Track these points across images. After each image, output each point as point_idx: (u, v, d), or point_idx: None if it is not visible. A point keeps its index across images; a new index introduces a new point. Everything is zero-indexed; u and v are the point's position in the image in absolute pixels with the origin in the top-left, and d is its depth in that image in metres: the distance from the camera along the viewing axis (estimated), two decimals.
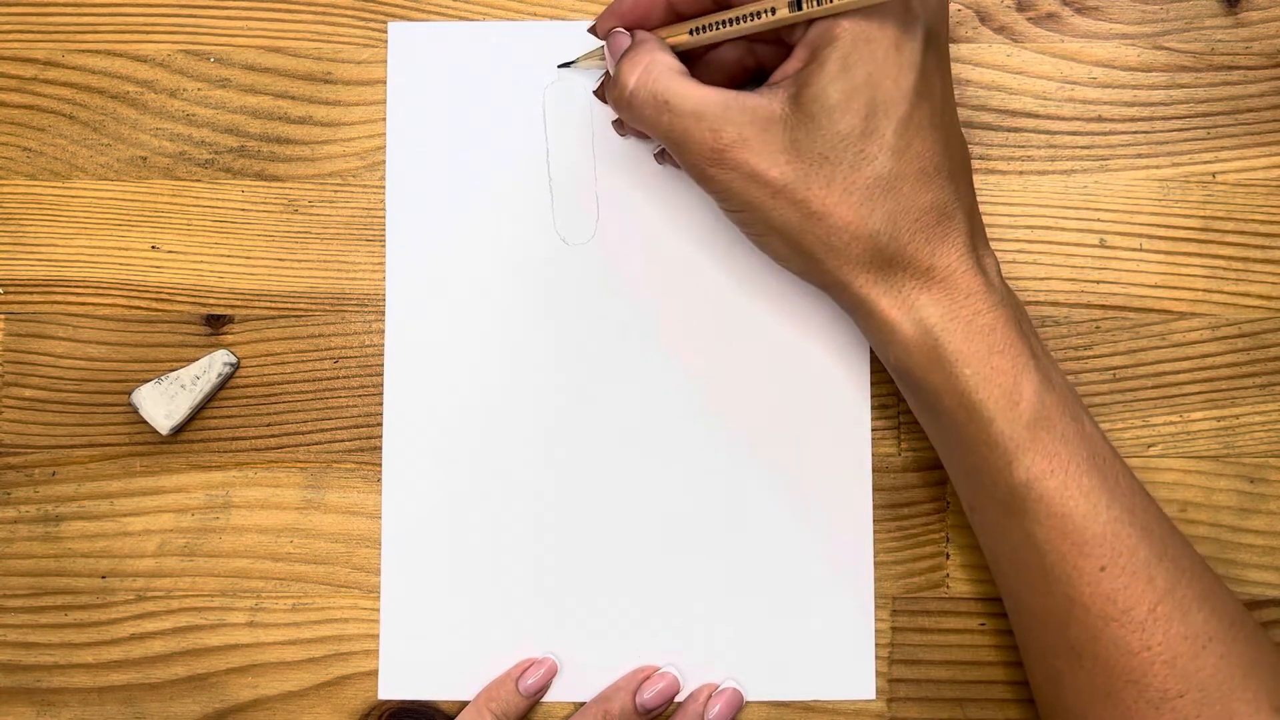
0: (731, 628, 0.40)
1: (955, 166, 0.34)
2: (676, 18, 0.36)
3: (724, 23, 0.35)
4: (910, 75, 0.33)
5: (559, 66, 0.40)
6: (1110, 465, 0.34)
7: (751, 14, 0.34)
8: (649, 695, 0.39)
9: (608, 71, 0.37)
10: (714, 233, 0.41)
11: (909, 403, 0.36)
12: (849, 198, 0.33)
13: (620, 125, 0.40)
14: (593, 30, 0.38)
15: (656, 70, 0.34)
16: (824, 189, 0.33)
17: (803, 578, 0.40)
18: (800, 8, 0.33)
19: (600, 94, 0.39)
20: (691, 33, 0.36)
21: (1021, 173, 0.41)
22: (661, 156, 0.40)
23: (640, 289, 0.41)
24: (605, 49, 0.37)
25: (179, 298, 0.41)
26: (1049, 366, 0.34)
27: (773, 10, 0.33)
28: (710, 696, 0.40)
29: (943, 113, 0.34)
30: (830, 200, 0.33)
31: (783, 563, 0.40)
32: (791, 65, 0.34)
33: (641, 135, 0.39)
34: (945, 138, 0.34)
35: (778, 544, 0.40)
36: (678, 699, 0.40)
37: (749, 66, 0.37)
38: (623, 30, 0.36)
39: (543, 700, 0.40)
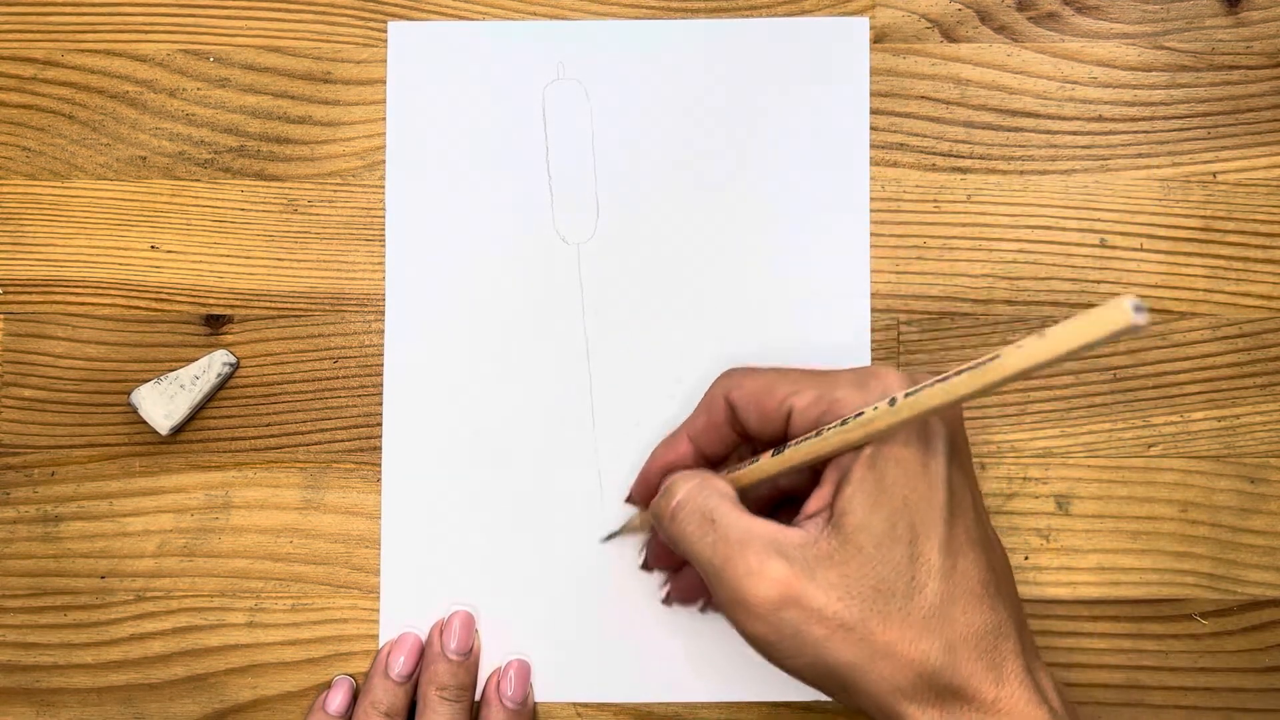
0: (732, 628, 0.40)
1: (1000, 582, 0.33)
2: (709, 466, 0.37)
3: (759, 457, 0.34)
4: (942, 493, 0.32)
5: (601, 541, 0.40)
6: None
7: (785, 446, 0.33)
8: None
9: (650, 538, 0.39)
10: (713, 232, 0.41)
11: None
12: (908, 631, 0.31)
13: (667, 599, 0.40)
14: (629, 500, 0.39)
15: (709, 489, 0.34)
16: (882, 624, 0.31)
17: None
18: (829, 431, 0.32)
19: (646, 567, 0.40)
20: (728, 473, 0.35)
21: (1021, 173, 0.41)
22: (670, 598, 0.40)
23: (640, 289, 0.41)
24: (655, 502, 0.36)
25: (178, 298, 0.41)
26: None
27: (808, 437, 0.33)
28: (499, 680, 0.40)
29: (978, 526, 0.33)
30: (890, 636, 0.31)
31: None
32: (823, 494, 0.33)
33: (689, 599, 0.39)
34: (986, 552, 0.33)
35: None
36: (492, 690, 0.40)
37: (773, 497, 0.37)
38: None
39: (541, 701, 0.40)
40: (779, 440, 0.34)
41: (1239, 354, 0.41)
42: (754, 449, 0.36)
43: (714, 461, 0.37)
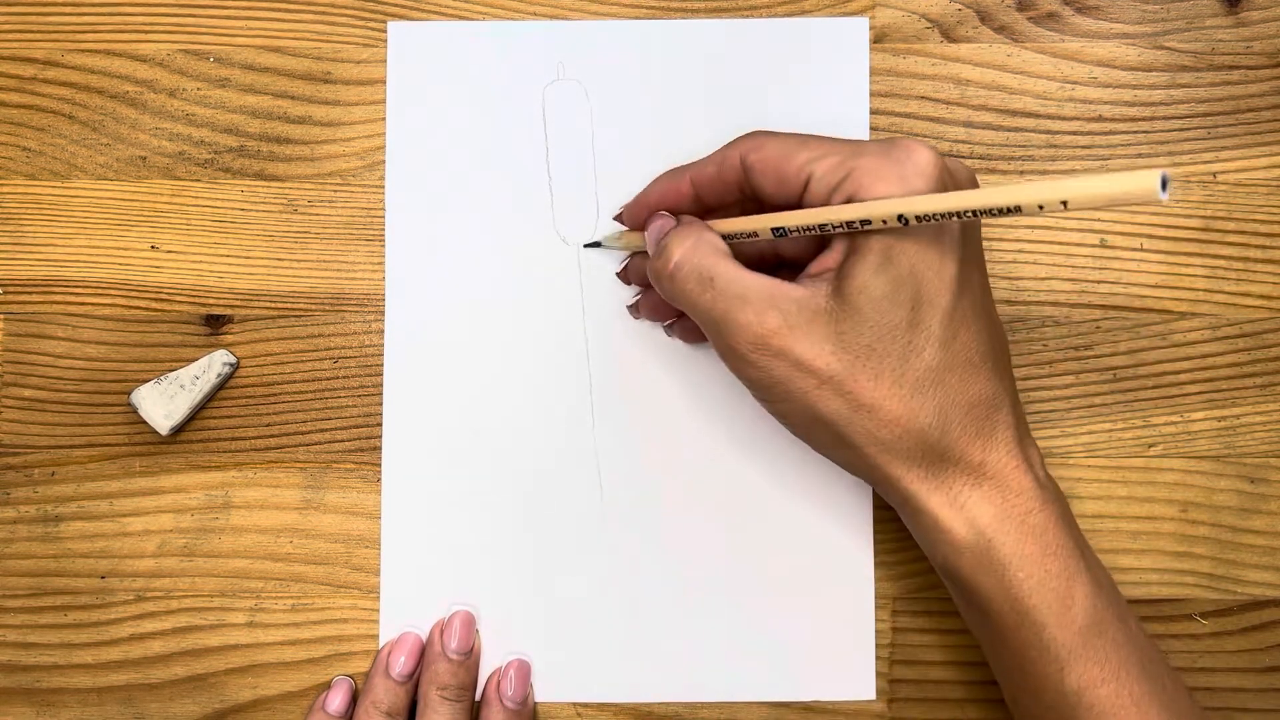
0: (731, 628, 0.40)
1: (998, 356, 0.34)
2: (702, 211, 0.37)
3: (773, 228, 0.34)
4: (951, 266, 0.32)
5: (585, 246, 0.40)
6: (1157, 668, 0.33)
7: (804, 227, 0.33)
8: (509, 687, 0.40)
9: (631, 254, 0.39)
10: None
11: (954, 598, 0.35)
12: (898, 390, 0.32)
13: (635, 309, 0.40)
14: (618, 219, 0.39)
15: (704, 247, 0.34)
16: (872, 381, 0.32)
17: (803, 578, 0.40)
18: (860, 227, 0.32)
19: (624, 276, 0.40)
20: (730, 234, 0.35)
21: (1021, 173, 0.41)
22: (672, 329, 0.40)
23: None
24: (647, 231, 0.37)
25: (178, 298, 0.41)
26: (1096, 565, 0.34)
27: (822, 226, 0.33)
28: (499, 680, 0.40)
29: (983, 303, 0.33)
30: (879, 393, 0.32)
31: (783, 562, 0.40)
32: (831, 258, 0.33)
33: (657, 317, 0.40)
34: (988, 327, 0.33)
35: (778, 544, 0.40)
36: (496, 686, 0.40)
37: (769, 258, 0.37)
38: (667, 213, 0.37)
39: (541, 701, 0.40)
40: (791, 207, 0.34)
41: (1239, 354, 0.41)
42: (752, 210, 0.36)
43: (708, 209, 0.37)
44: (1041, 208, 0.28)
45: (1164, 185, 0.26)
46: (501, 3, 0.41)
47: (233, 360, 0.41)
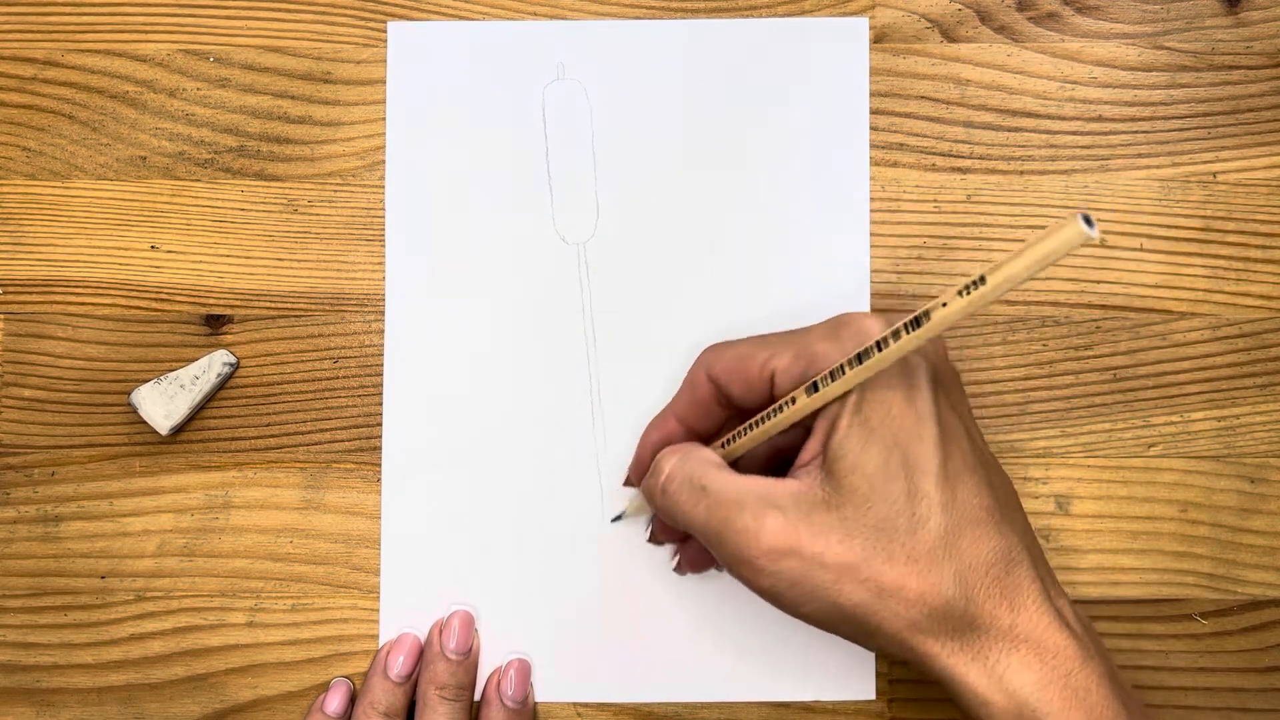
0: (731, 628, 0.40)
1: (1004, 506, 0.33)
2: (701, 441, 0.37)
3: (751, 427, 0.34)
4: (930, 426, 0.32)
5: (611, 520, 0.40)
6: None
7: (774, 411, 0.34)
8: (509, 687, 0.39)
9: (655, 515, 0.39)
10: (713, 232, 0.41)
11: None
12: (914, 566, 0.31)
13: (679, 568, 0.40)
14: (628, 483, 0.40)
15: (694, 459, 0.34)
16: (887, 563, 0.31)
17: None
18: (816, 389, 0.32)
19: (653, 539, 0.40)
20: (724, 445, 0.35)
21: (1021, 173, 0.41)
22: (681, 567, 0.40)
23: (640, 289, 0.41)
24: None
25: (178, 298, 0.41)
26: (1133, 707, 0.32)
27: (792, 400, 0.33)
28: (499, 680, 0.40)
29: (974, 452, 0.33)
30: (896, 573, 0.31)
31: None
32: (814, 444, 0.33)
33: (701, 564, 0.40)
34: (986, 478, 0.33)
35: None
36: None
37: (771, 458, 0.37)
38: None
39: (541, 701, 0.40)
40: (766, 407, 0.34)
41: (1239, 354, 0.41)
42: (743, 420, 0.36)
43: (704, 438, 0.37)
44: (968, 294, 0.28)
45: (1089, 223, 0.25)
46: (501, 3, 0.41)
47: (233, 360, 0.41)
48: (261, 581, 0.41)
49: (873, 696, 0.40)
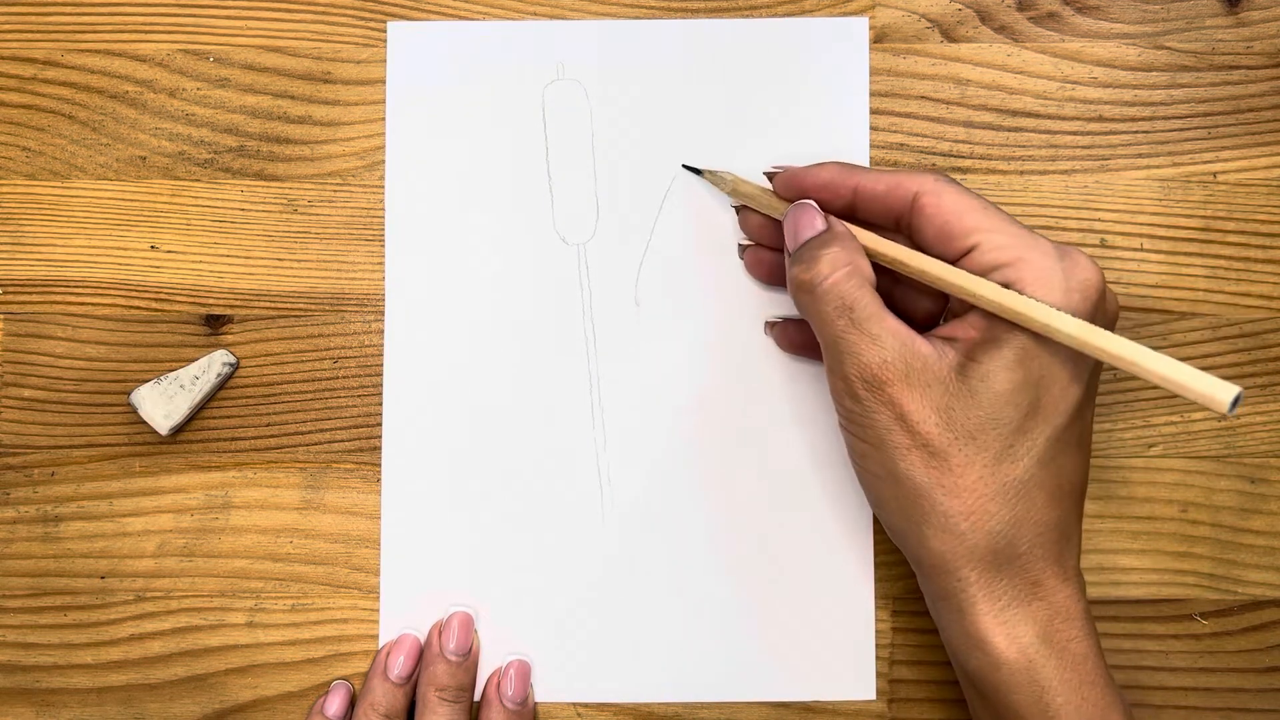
0: (731, 628, 0.40)
1: (1081, 492, 0.34)
2: (847, 216, 0.36)
3: (928, 264, 0.34)
4: (1077, 391, 0.32)
5: (684, 166, 0.39)
6: None
7: (968, 275, 0.33)
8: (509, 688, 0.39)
9: (739, 207, 0.39)
10: (713, 232, 0.41)
11: (969, 700, 0.35)
12: (983, 486, 0.32)
13: (770, 331, 0.40)
14: (768, 174, 0.38)
15: (857, 278, 0.34)
16: (962, 465, 0.32)
17: (803, 578, 0.40)
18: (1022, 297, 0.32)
19: (743, 224, 0.39)
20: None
21: (1021, 173, 0.41)
22: (774, 330, 0.40)
23: (640, 289, 0.41)
24: (789, 216, 0.36)
25: (178, 298, 0.41)
26: (1123, 698, 0.33)
27: (974, 296, 0.33)
28: (499, 680, 0.40)
29: (1086, 437, 0.34)
30: (964, 479, 0.32)
31: (783, 562, 0.40)
32: (965, 329, 0.33)
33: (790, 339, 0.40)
34: (1083, 462, 0.34)
35: (778, 544, 0.40)
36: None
37: (882, 285, 0.36)
38: (816, 208, 0.36)
39: (541, 701, 0.40)
40: (941, 257, 0.34)
41: (1239, 354, 0.41)
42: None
43: (850, 218, 0.36)
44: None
45: (1235, 403, 0.29)
46: (501, 3, 0.41)
47: (233, 360, 0.41)
48: (261, 582, 0.41)
49: (873, 696, 0.40)
